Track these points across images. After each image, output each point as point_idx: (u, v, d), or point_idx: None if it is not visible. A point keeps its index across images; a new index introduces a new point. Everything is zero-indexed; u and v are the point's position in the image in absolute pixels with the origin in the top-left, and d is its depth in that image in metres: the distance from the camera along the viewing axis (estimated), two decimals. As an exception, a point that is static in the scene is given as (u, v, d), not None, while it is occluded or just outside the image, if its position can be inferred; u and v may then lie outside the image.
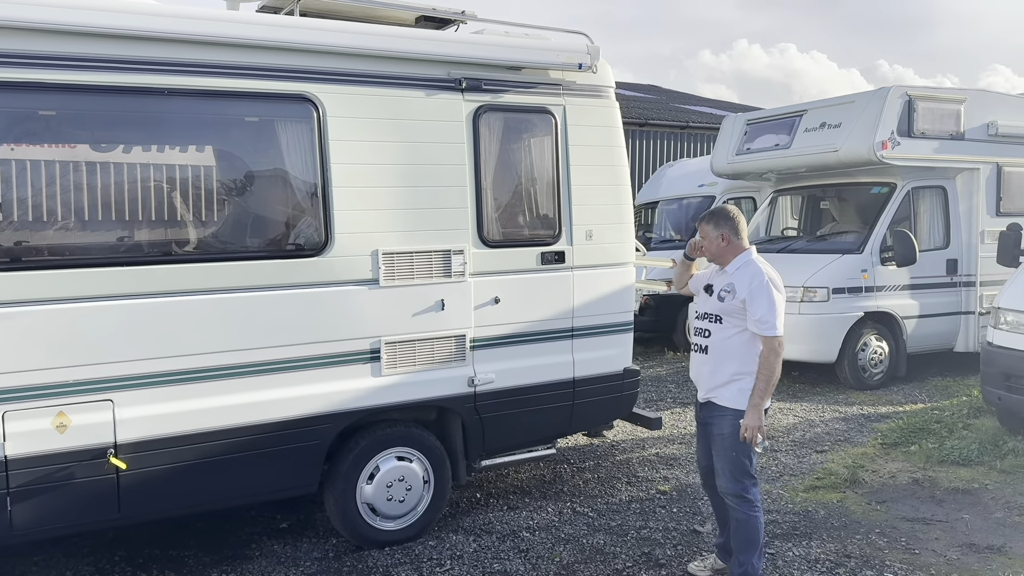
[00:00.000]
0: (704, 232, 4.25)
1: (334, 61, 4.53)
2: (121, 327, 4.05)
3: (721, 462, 4.15)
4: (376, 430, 4.80)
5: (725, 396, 4.12)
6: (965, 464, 6.28)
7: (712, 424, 4.18)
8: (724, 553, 4.42)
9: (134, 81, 4.08)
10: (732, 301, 4.09)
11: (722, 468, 4.15)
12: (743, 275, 4.12)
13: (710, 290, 4.25)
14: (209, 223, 4.46)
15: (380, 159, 4.67)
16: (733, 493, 4.13)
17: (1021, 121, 9.53)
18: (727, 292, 4.13)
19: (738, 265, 4.17)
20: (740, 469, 4.09)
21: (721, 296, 4.15)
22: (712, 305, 4.19)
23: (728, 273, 4.19)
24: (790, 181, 10.46)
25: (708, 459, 4.29)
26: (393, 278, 4.71)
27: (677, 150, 18.92)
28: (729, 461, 4.10)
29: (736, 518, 4.15)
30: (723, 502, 4.28)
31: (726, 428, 4.09)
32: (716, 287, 4.22)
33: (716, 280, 4.25)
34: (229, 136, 4.56)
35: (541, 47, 5.16)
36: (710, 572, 4.49)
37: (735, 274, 4.15)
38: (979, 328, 9.18)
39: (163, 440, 4.15)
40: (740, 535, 4.15)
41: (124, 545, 4.94)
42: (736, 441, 4.04)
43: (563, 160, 5.31)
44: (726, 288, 4.14)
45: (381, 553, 4.78)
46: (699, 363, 4.27)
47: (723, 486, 4.17)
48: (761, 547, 4.19)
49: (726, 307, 4.12)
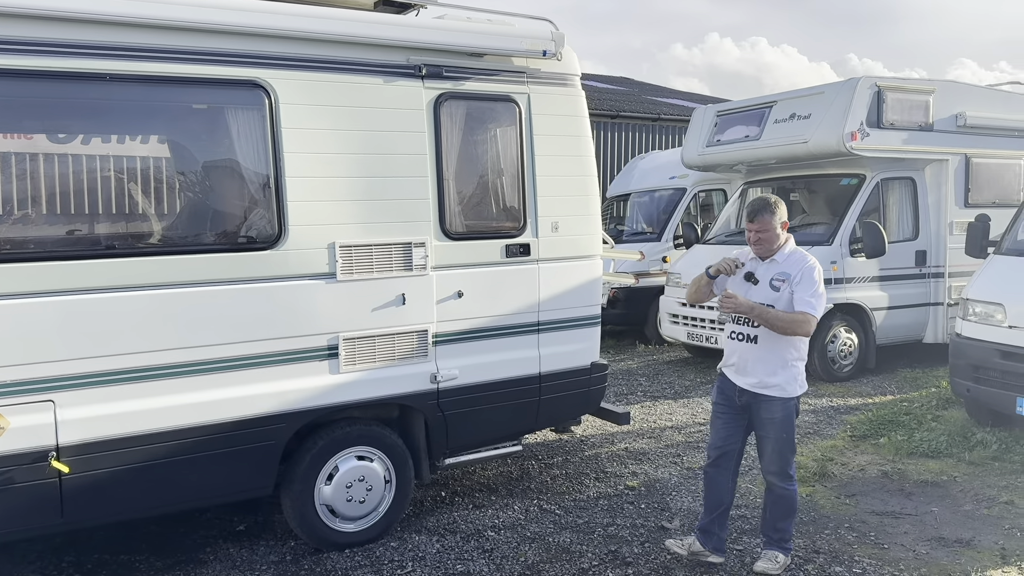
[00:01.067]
0: (764, 224, 4.25)
1: (287, 46, 4.35)
2: (62, 324, 3.86)
3: (770, 444, 4.29)
4: (335, 429, 4.65)
5: (777, 383, 4.23)
6: (934, 456, 6.26)
7: (761, 410, 4.27)
8: (704, 536, 4.45)
9: (71, 66, 3.86)
10: (787, 288, 4.21)
11: (771, 450, 4.30)
12: (794, 262, 4.26)
13: (752, 278, 4.31)
14: (155, 215, 4.27)
15: (336, 148, 4.50)
16: (778, 472, 4.31)
17: (989, 112, 9.54)
18: (781, 281, 4.23)
19: (787, 253, 4.30)
20: (788, 448, 4.30)
21: (775, 285, 4.24)
22: (764, 294, 4.25)
23: (778, 262, 4.28)
24: (760, 173, 10.41)
25: (728, 443, 4.40)
26: (351, 272, 4.55)
27: (649, 142, 18.85)
28: (779, 443, 4.27)
29: (777, 494, 4.35)
30: (722, 486, 4.41)
31: (777, 412, 4.24)
32: (764, 276, 4.29)
33: (762, 269, 4.32)
34: (176, 124, 4.37)
35: (504, 33, 5.01)
36: (687, 552, 4.50)
37: (785, 262, 4.27)
38: (948, 319, 9.20)
39: (108, 442, 3.96)
40: (780, 508, 4.36)
41: (72, 550, 4.75)
42: (787, 424, 4.25)
43: (528, 150, 5.18)
44: (779, 277, 4.24)
45: (341, 556, 4.64)
46: (745, 351, 4.31)
47: (768, 466, 4.34)
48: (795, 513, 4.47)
49: (780, 296, 4.22)
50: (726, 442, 4.40)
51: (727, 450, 4.40)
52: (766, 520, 4.46)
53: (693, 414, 7.79)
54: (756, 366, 4.26)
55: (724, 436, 4.41)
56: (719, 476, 4.43)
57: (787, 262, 4.27)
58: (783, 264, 4.27)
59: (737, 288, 4.36)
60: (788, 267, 4.25)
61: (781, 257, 4.29)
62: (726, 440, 4.40)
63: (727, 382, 4.41)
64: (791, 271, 4.23)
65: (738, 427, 4.40)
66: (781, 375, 4.23)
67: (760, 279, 4.30)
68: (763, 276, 4.30)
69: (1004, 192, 9.75)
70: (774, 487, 4.35)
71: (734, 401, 4.37)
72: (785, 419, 4.25)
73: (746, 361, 4.30)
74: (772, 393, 4.23)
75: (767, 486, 4.41)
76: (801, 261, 4.27)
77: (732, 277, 4.40)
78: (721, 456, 4.41)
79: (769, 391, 4.24)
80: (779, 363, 4.23)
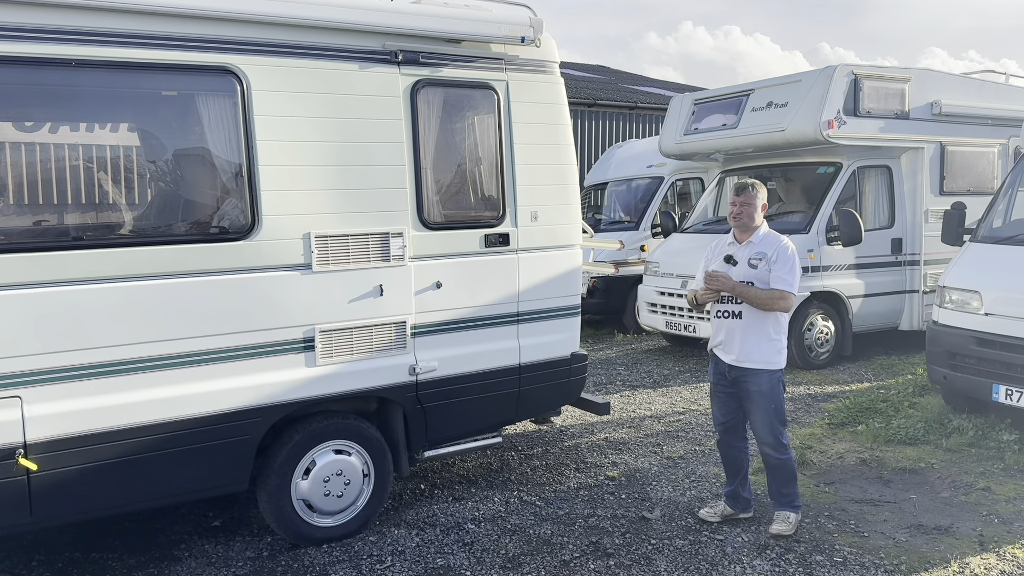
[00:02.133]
0: (748, 197, 4.61)
1: (259, 31, 4.24)
2: (28, 318, 3.74)
3: (760, 415, 4.61)
4: (312, 423, 4.57)
5: (761, 356, 4.55)
6: (911, 443, 6.29)
7: (748, 382, 4.59)
8: (732, 500, 4.87)
9: (37, 51, 3.73)
10: (764, 267, 4.54)
11: (761, 421, 4.61)
12: (769, 242, 4.60)
13: (731, 260, 4.63)
14: (125, 205, 4.15)
15: (311, 136, 4.40)
16: (771, 442, 4.61)
17: (964, 100, 9.59)
18: (758, 259, 4.56)
19: (762, 235, 4.64)
20: (778, 418, 4.60)
21: (753, 263, 4.57)
22: (743, 272, 4.57)
23: (754, 243, 4.62)
24: (737, 161, 10.40)
25: (730, 416, 4.77)
26: (327, 263, 4.46)
27: (626, 130, 18.82)
28: (768, 413, 4.58)
29: (772, 464, 4.67)
30: (736, 454, 4.81)
31: (764, 384, 4.56)
32: (742, 257, 4.61)
33: (739, 251, 4.65)
34: (145, 112, 4.24)
35: (482, 19, 4.92)
36: (719, 517, 4.87)
37: (761, 243, 4.61)
38: (923, 307, 9.27)
39: (78, 438, 3.86)
40: (780, 475, 4.68)
41: (43, 548, 4.64)
42: (774, 395, 4.57)
43: (506, 138, 5.11)
44: (756, 256, 4.58)
45: (318, 551, 4.57)
46: (731, 328, 4.62)
47: (762, 437, 4.64)
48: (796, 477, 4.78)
49: (760, 273, 4.54)
50: (728, 416, 4.78)
51: (731, 423, 4.79)
52: (771, 488, 4.78)
53: (672, 403, 7.78)
54: (741, 341, 4.58)
55: (725, 411, 4.79)
56: (731, 447, 4.84)
57: (763, 243, 4.62)
58: (759, 245, 4.62)
59: (720, 268, 4.68)
60: (764, 247, 4.60)
61: (756, 239, 4.64)
62: (727, 415, 4.78)
63: (719, 361, 4.74)
64: (767, 251, 4.58)
65: (736, 402, 4.74)
66: (765, 348, 4.55)
67: (739, 260, 4.63)
68: (741, 257, 4.63)
69: (978, 180, 9.82)
70: (770, 458, 4.66)
71: (726, 377, 4.71)
72: (772, 390, 4.57)
73: (733, 337, 4.61)
74: (758, 366, 4.56)
75: (763, 458, 4.72)
76: (776, 241, 4.61)
77: (713, 261, 4.74)
78: (727, 429, 4.81)
79: (755, 364, 4.56)
80: (763, 337, 4.55)
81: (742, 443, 4.85)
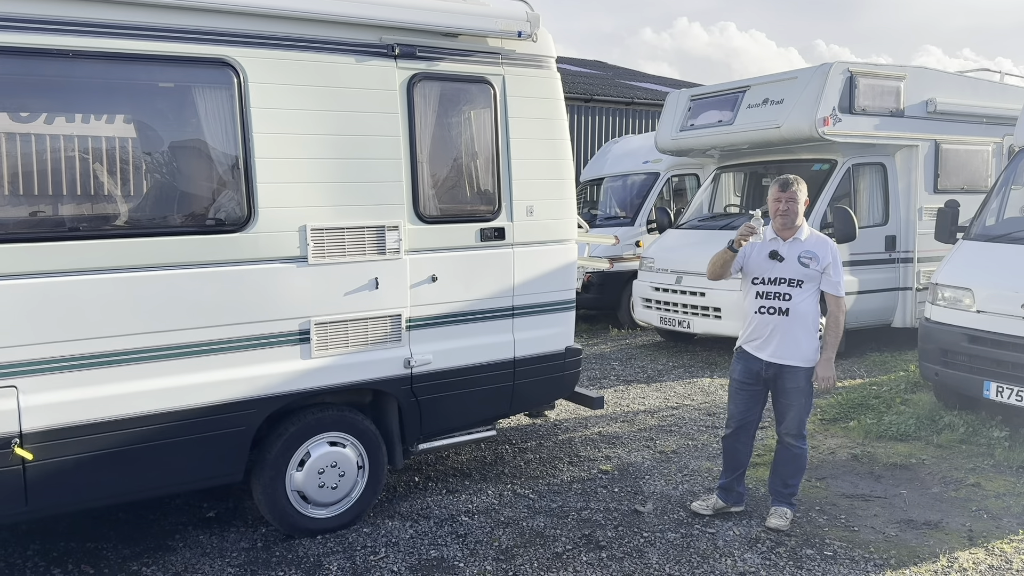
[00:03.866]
0: (793, 195, 4.57)
1: (255, 23, 4.24)
2: (24, 308, 3.75)
3: (792, 411, 4.67)
4: (306, 415, 4.59)
5: (802, 354, 4.60)
6: (903, 439, 6.34)
7: (786, 379, 4.62)
8: (725, 493, 4.92)
9: (35, 42, 3.73)
10: (816, 267, 4.55)
11: (792, 416, 4.67)
12: (821, 244, 4.62)
13: (777, 256, 4.59)
14: (122, 196, 4.15)
15: (307, 129, 4.42)
16: (796, 434, 4.70)
17: (959, 99, 9.62)
18: (808, 259, 4.55)
19: (808, 234, 4.63)
20: (807, 412, 4.70)
21: (803, 262, 4.55)
22: (794, 270, 4.57)
23: (802, 241, 4.60)
24: (733, 158, 10.43)
25: (748, 415, 4.79)
26: (323, 255, 4.47)
27: (622, 126, 18.83)
28: (800, 409, 4.66)
29: (794, 453, 4.73)
30: (741, 451, 4.84)
31: (802, 381, 4.62)
32: (789, 253, 4.58)
33: (785, 247, 4.61)
34: (142, 103, 4.24)
35: (479, 13, 4.93)
36: (711, 511, 4.91)
37: (812, 243, 4.60)
38: (916, 304, 9.30)
39: (73, 428, 3.87)
40: (794, 466, 4.76)
41: (38, 538, 4.65)
42: (809, 391, 4.65)
43: (503, 133, 5.12)
44: (807, 255, 4.56)
45: (313, 542, 4.59)
46: (775, 326, 4.61)
47: (788, 429, 4.71)
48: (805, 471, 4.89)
49: (810, 272, 4.56)
50: (746, 415, 4.80)
51: (746, 421, 4.81)
52: (776, 477, 4.81)
53: (666, 398, 7.82)
54: (782, 337, 4.59)
55: (744, 409, 4.79)
56: (738, 443, 4.85)
57: (811, 242, 4.61)
58: (807, 244, 4.60)
59: (761, 266, 4.66)
60: (814, 247, 4.59)
61: (802, 235, 4.61)
62: (746, 413, 4.80)
63: (752, 359, 4.70)
64: (819, 252, 4.57)
65: (760, 400, 4.80)
66: (806, 346, 4.59)
67: (786, 256, 4.59)
68: (789, 254, 4.59)
69: (972, 178, 9.87)
70: (791, 447, 4.73)
71: (760, 376, 4.70)
72: (808, 386, 4.65)
73: (774, 334, 4.61)
74: (798, 363, 4.60)
75: (782, 446, 4.77)
76: (827, 243, 4.64)
77: (754, 255, 4.67)
78: (741, 426, 4.82)
79: (795, 361, 4.60)
80: (804, 334, 4.59)
81: (751, 441, 4.88)
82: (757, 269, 4.67)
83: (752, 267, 4.69)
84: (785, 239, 4.62)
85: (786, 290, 4.58)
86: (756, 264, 4.67)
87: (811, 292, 4.60)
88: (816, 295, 4.63)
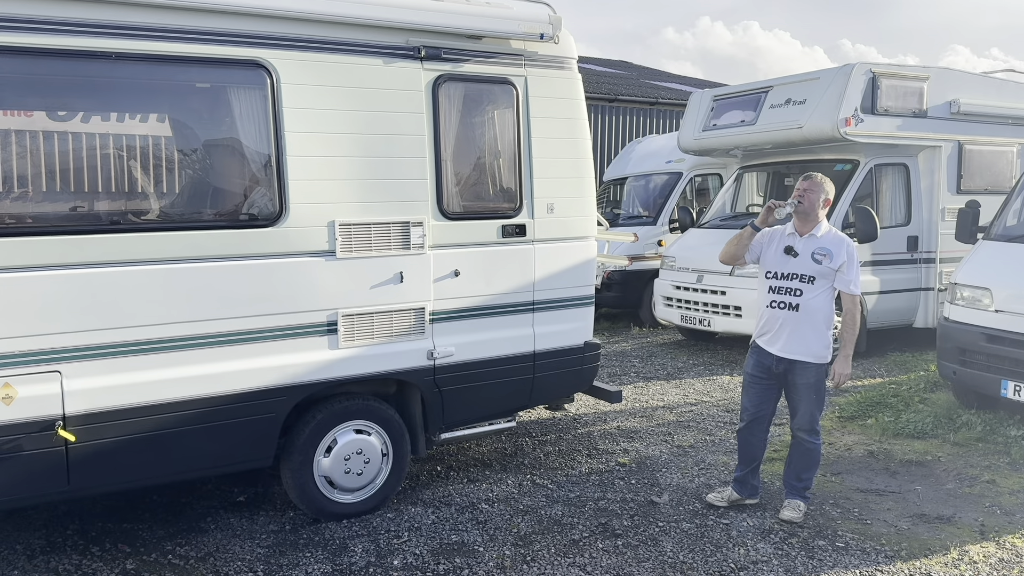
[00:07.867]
0: (814, 184, 4.63)
1: (288, 26, 4.42)
2: (69, 297, 3.95)
3: (804, 405, 4.73)
4: (334, 403, 4.76)
5: (811, 350, 4.65)
6: (920, 437, 6.39)
7: (796, 374, 4.69)
8: (740, 486, 5.01)
9: (80, 44, 3.94)
10: (829, 264, 4.59)
11: (804, 410, 4.74)
12: (837, 241, 4.65)
13: (792, 251, 4.67)
14: (160, 192, 4.35)
15: (337, 128, 4.59)
16: (808, 429, 4.76)
17: (983, 100, 9.61)
18: (823, 255, 4.60)
19: (825, 230, 4.68)
20: (818, 407, 4.75)
21: (816, 259, 4.60)
22: (807, 266, 4.63)
23: (817, 237, 4.65)
24: (755, 158, 10.48)
25: (762, 409, 4.87)
26: (350, 250, 4.64)
27: (646, 126, 18.91)
28: (812, 403, 4.72)
29: (806, 448, 4.80)
30: (755, 444, 4.92)
31: (812, 377, 4.68)
32: (804, 249, 4.65)
33: (800, 243, 4.67)
34: (180, 103, 4.44)
35: (502, 16, 5.08)
36: (726, 503, 5.02)
37: (827, 240, 4.64)
38: (938, 304, 9.30)
39: (113, 412, 4.07)
40: (807, 460, 4.83)
41: (77, 518, 4.87)
42: (821, 387, 4.71)
43: (524, 132, 5.26)
44: (821, 252, 4.61)
45: (338, 526, 4.76)
46: (783, 320, 4.69)
47: (800, 424, 4.78)
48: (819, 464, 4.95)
49: (823, 269, 4.60)
50: (759, 408, 4.88)
51: (760, 415, 4.89)
52: (791, 471, 4.90)
53: (685, 394, 7.91)
54: (791, 332, 4.66)
55: (758, 403, 4.88)
56: (753, 436, 4.94)
57: (826, 239, 4.65)
58: (823, 240, 4.64)
59: (776, 260, 4.74)
60: (829, 244, 4.63)
61: (819, 232, 4.67)
62: (759, 406, 4.88)
63: (764, 353, 4.80)
64: (834, 249, 4.61)
65: (772, 394, 4.87)
66: (815, 342, 4.65)
67: (800, 252, 4.66)
68: (803, 250, 4.66)
69: (996, 179, 9.84)
70: (803, 442, 4.80)
71: (772, 370, 4.78)
72: (818, 382, 4.70)
73: (784, 328, 4.68)
74: (808, 359, 4.66)
75: (795, 441, 4.84)
76: (843, 241, 4.66)
77: (772, 249, 4.75)
78: (755, 420, 4.90)
79: (803, 357, 4.66)
80: (814, 330, 4.64)
81: (765, 434, 4.98)
82: (772, 263, 4.77)
83: (768, 260, 4.79)
84: (803, 235, 4.69)
85: (798, 285, 4.66)
86: (772, 258, 4.77)
87: (823, 289, 4.65)
88: (830, 292, 4.70)
